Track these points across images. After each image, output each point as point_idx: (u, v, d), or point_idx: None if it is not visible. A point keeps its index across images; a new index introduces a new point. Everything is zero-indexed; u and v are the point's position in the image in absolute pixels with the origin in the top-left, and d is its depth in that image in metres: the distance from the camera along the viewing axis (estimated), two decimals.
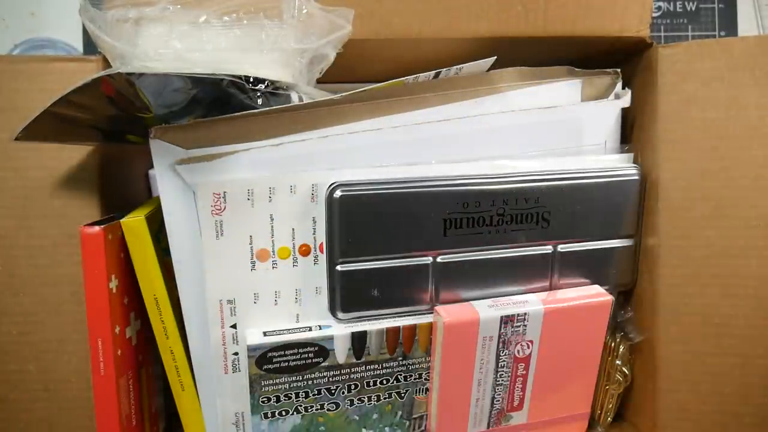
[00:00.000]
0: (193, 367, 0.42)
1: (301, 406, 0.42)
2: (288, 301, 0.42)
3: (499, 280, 0.44)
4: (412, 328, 0.42)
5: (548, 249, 0.45)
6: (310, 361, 0.41)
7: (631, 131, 0.48)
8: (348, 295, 0.41)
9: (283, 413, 0.42)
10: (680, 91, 0.44)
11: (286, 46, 0.38)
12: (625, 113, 0.47)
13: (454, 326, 0.41)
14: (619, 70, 0.47)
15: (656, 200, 0.45)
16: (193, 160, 0.39)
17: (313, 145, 0.40)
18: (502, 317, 0.42)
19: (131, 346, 0.43)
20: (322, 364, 0.41)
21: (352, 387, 0.43)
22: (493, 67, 0.44)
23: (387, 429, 0.45)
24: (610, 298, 0.44)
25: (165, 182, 0.39)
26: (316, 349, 0.41)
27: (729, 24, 0.75)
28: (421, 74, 0.42)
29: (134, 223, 0.39)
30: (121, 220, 0.40)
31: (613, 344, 0.48)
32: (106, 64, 0.41)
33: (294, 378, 0.41)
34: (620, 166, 0.46)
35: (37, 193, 0.42)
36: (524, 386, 0.45)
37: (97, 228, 0.38)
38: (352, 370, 0.42)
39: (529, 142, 0.45)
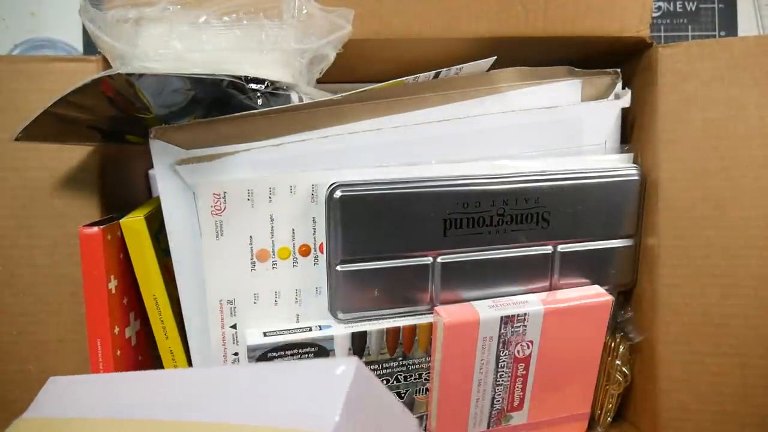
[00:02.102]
0: (193, 368, 0.42)
1: None
2: (288, 302, 0.42)
3: (499, 281, 0.44)
4: (412, 329, 0.42)
5: (548, 249, 0.45)
6: None
7: (631, 131, 0.48)
8: (348, 295, 0.41)
9: None
10: (680, 91, 0.44)
11: (286, 46, 0.38)
12: (625, 113, 0.47)
13: (454, 326, 0.41)
14: (619, 70, 0.47)
15: (656, 200, 0.45)
16: (193, 160, 0.39)
17: (313, 145, 0.40)
18: (502, 317, 0.42)
19: (131, 347, 0.43)
20: None
21: None
22: (493, 67, 0.44)
23: None
24: (610, 298, 0.44)
25: (165, 182, 0.39)
26: (316, 349, 0.41)
27: (729, 24, 0.75)
28: (421, 74, 0.42)
29: (134, 224, 0.39)
30: (121, 221, 0.40)
31: (613, 344, 0.48)
32: (106, 64, 0.41)
33: None
34: (620, 166, 0.46)
35: (37, 193, 0.42)
36: (524, 386, 0.45)
37: (95, 228, 0.38)
38: None
39: (529, 142, 0.45)
